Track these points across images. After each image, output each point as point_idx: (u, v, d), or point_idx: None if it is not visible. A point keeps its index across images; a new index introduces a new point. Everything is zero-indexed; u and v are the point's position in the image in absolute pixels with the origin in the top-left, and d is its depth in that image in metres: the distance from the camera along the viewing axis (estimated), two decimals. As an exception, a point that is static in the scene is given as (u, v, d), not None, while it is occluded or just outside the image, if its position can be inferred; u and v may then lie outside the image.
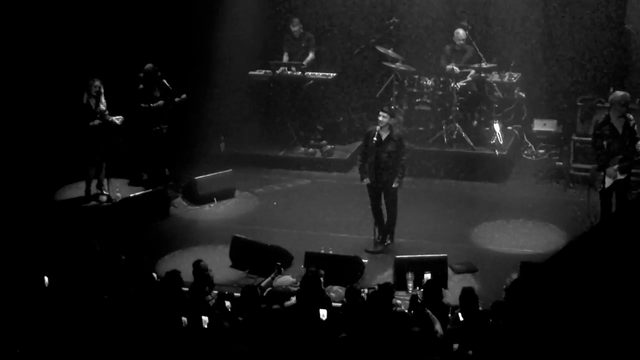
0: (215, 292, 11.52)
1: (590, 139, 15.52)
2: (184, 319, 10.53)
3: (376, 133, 13.54)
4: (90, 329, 10.53)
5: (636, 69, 17.14)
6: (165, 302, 10.93)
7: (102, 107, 15.62)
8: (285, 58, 17.72)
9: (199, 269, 11.54)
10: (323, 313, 10.63)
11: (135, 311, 10.79)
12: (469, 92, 16.87)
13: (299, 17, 17.85)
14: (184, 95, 16.19)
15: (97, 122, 15.54)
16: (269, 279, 12.20)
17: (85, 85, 15.59)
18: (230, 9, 18.02)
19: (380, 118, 13.56)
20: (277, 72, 17.51)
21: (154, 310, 10.78)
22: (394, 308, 10.82)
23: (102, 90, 15.65)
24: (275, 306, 10.74)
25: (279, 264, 12.48)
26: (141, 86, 16.10)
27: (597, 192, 13.36)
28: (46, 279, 11.44)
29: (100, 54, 17.41)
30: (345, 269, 12.75)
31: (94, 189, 15.92)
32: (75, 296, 11.09)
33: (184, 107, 16.33)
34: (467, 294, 10.55)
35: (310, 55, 17.66)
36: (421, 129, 16.92)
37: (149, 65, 16.11)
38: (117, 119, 15.65)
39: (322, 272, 11.45)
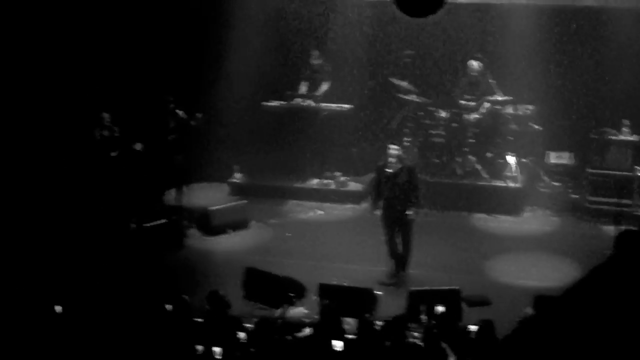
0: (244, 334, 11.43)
1: (605, 171, 15.59)
2: (199, 347, 10.50)
3: (387, 166, 13.56)
4: (103, 357, 10.53)
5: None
6: (179, 331, 10.90)
7: (106, 135, 15.73)
8: (304, 89, 17.75)
9: (216, 298, 11.47)
10: (338, 345, 10.59)
11: (148, 340, 10.78)
12: (484, 125, 16.86)
13: (317, 49, 17.88)
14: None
15: (114, 153, 15.66)
16: (281, 309, 12.16)
17: (96, 119, 15.67)
18: (245, 39, 18.11)
19: (391, 151, 13.59)
20: (292, 102, 17.54)
21: (167, 339, 10.76)
22: (407, 340, 10.77)
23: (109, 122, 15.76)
24: (289, 337, 10.70)
25: (292, 295, 12.44)
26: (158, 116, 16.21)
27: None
28: (58, 307, 11.42)
29: (113, 87, 17.51)
30: (358, 300, 12.70)
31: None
32: (87, 324, 11.09)
33: (197, 136, 16.36)
34: (486, 327, 10.51)
35: (325, 87, 17.69)
36: (435, 161, 16.92)
37: (166, 97, 16.20)
38: (137, 146, 15.75)
39: (335, 304, 11.42)
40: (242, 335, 10.67)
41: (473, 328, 10.98)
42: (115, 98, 16.91)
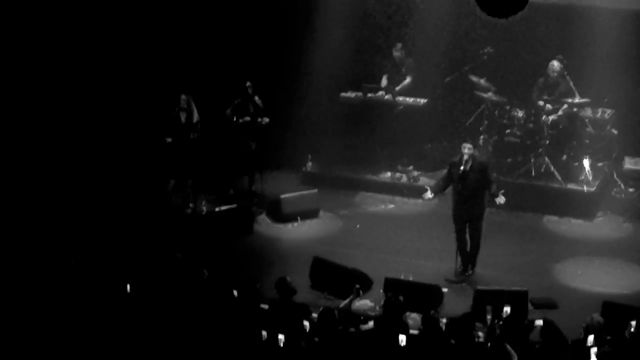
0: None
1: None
2: (264, 333, 10.59)
3: (461, 164, 13.54)
4: (169, 338, 10.67)
5: None
6: (246, 316, 11.00)
7: (195, 119, 15.91)
8: (384, 82, 17.72)
9: (284, 284, 11.54)
10: (402, 339, 10.60)
11: (214, 324, 10.89)
12: (560, 127, 16.70)
13: (401, 41, 17.85)
14: (266, 119, 16.35)
15: (195, 135, 15.84)
16: (347, 301, 12.18)
17: (175, 100, 15.86)
18: (326, 29, 18.17)
19: (465, 150, 13.57)
20: (369, 95, 17.54)
21: (234, 323, 10.87)
22: (473, 339, 10.75)
23: (192, 104, 15.92)
24: (352, 329, 10.74)
25: (358, 286, 12.45)
26: (238, 100, 16.34)
27: None
28: (128, 286, 11.60)
29: (197, 69, 17.70)
30: (424, 296, 12.70)
31: (178, 202, 16.13)
32: (156, 305, 11.23)
33: (267, 129, 16.46)
34: (549, 327, 10.47)
35: (407, 80, 17.62)
36: (509, 160, 16.80)
37: (247, 83, 16.33)
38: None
39: (401, 298, 11.42)
40: (306, 324, 10.73)
41: (538, 322, 10.94)
42: (195, 81, 17.08)
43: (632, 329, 10.74)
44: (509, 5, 10.51)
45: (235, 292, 11.41)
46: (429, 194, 14.20)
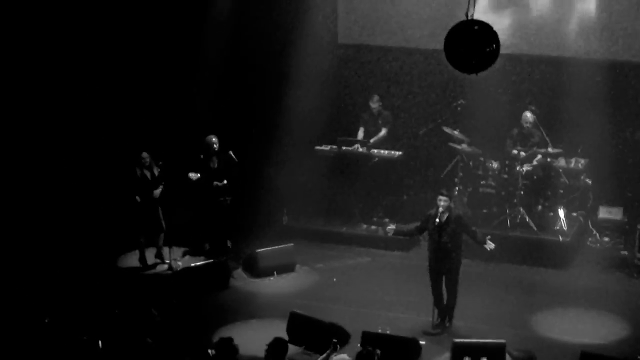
0: None
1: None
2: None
3: (437, 216, 13.56)
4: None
5: None
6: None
7: (155, 172, 15.88)
8: (361, 134, 17.80)
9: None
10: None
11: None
12: (535, 177, 16.79)
13: (377, 95, 17.95)
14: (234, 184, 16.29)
15: (157, 192, 15.79)
16: (324, 355, 12.10)
17: (136, 158, 15.84)
18: (300, 82, 18.25)
19: (441, 202, 13.59)
20: (344, 148, 17.59)
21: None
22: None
23: (151, 161, 15.89)
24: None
25: (335, 341, 12.38)
26: (201, 156, 16.34)
27: None
28: (100, 343, 11.50)
29: (162, 124, 17.74)
30: (402, 349, 12.65)
31: (151, 258, 16.07)
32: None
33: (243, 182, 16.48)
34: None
35: (383, 132, 17.72)
36: (485, 211, 16.85)
37: (209, 137, 16.33)
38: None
39: (379, 352, 11.36)
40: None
41: None
42: (163, 138, 17.11)
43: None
44: (479, 62, 10.59)
45: (211, 351, 11.31)
46: (392, 226, 14.23)
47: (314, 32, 18.58)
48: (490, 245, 13.77)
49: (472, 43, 10.52)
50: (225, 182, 16.36)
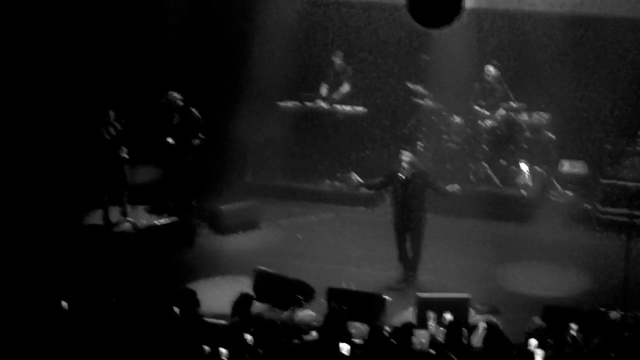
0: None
1: (618, 182, 15.60)
2: (207, 348, 10.50)
3: (401, 172, 13.57)
4: (109, 355, 10.54)
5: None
6: (188, 331, 10.90)
7: (112, 132, 15.73)
8: (324, 90, 17.72)
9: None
10: (345, 348, 10.58)
11: (155, 339, 10.79)
12: (498, 131, 16.83)
13: (341, 50, 17.87)
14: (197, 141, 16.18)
15: (124, 151, 15.67)
16: (289, 312, 12.16)
17: (101, 117, 15.71)
18: (263, 38, 18.14)
19: (404, 157, 13.60)
20: (307, 104, 17.54)
21: (175, 339, 10.77)
22: (415, 347, 10.76)
23: (116, 119, 15.76)
24: (295, 340, 10.70)
25: (300, 297, 12.43)
26: (161, 115, 16.23)
27: None
28: (64, 303, 11.44)
29: (124, 82, 17.60)
30: (367, 305, 12.69)
31: (116, 216, 15.97)
32: (94, 322, 11.09)
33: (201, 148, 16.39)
34: (492, 330, 10.51)
35: (346, 88, 17.66)
36: (448, 166, 16.89)
37: (171, 93, 16.19)
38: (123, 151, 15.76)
39: (344, 307, 11.40)
40: (249, 337, 10.66)
41: (481, 325, 10.97)
42: (124, 96, 16.98)
43: (573, 332, 10.82)
44: (442, 17, 10.56)
45: (176, 308, 11.29)
46: (356, 177, 14.22)
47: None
48: (453, 187, 13.81)
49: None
50: (188, 139, 16.26)
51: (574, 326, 10.87)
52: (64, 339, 10.80)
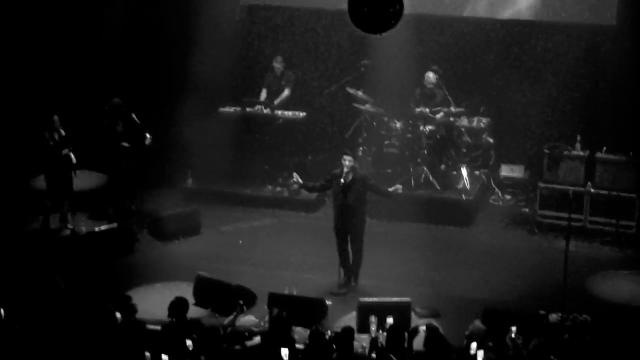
0: None
1: (556, 185, 15.79)
2: (148, 354, 10.44)
3: (342, 176, 13.60)
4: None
5: (603, 117, 17.26)
6: (128, 337, 10.83)
7: (62, 133, 15.59)
8: (264, 95, 17.71)
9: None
10: (284, 352, 10.57)
11: (96, 345, 10.71)
12: (438, 136, 16.94)
13: (281, 55, 17.87)
14: (148, 139, 16.12)
15: (65, 150, 15.51)
16: (231, 317, 12.11)
17: (46, 121, 15.58)
18: (203, 44, 18.07)
19: (345, 162, 13.63)
20: (248, 109, 17.51)
21: (116, 345, 10.70)
22: (356, 351, 10.79)
23: (59, 124, 15.64)
24: (237, 346, 10.68)
25: (242, 302, 12.39)
26: (105, 122, 16.13)
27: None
28: (2, 310, 11.31)
29: (65, 88, 17.48)
30: (308, 310, 12.70)
31: (56, 223, 15.83)
32: (32, 330, 10.98)
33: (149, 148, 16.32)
34: (432, 334, 10.57)
35: (286, 93, 17.67)
36: (389, 171, 16.95)
37: (115, 100, 16.12)
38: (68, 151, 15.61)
39: (284, 313, 11.41)
40: (189, 343, 10.61)
41: (422, 328, 11.02)
42: (67, 101, 16.89)
43: (513, 334, 10.92)
44: (382, 22, 10.60)
45: (118, 314, 11.21)
46: (297, 178, 14.22)
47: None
48: (397, 188, 13.88)
49: (376, 3, 10.52)
50: (128, 145, 16.18)
51: (513, 328, 10.97)
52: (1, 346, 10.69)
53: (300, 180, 14.28)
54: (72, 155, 15.57)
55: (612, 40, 17.16)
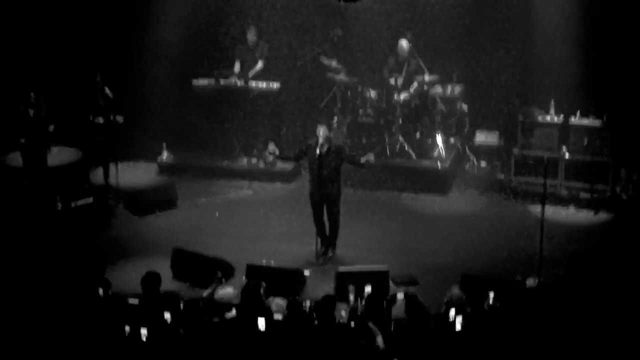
0: None
1: (531, 151, 15.86)
2: (127, 328, 10.43)
3: (317, 147, 13.59)
4: (30, 337, 10.43)
5: (575, 81, 17.29)
6: (107, 312, 10.82)
7: (31, 114, 15.54)
8: (237, 67, 17.64)
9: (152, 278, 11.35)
10: (261, 323, 10.58)
11: (75, 320, 10.70)
12: (412, 105, 16.95)
13: (254, 26, 17.79)
14: (120, 118, 16.10)
15: (52, 127, 15.47)
16: (209, 289, 12.10)
17: (24, 98, 15.51)
18: (175, 15, 17.99)
19: (320, 132, 13.61)
20: (222, 81, 17.44)
21: (96, 319, 10.69)
22: (336, 320, 10.82)
23: (41, 100, 15.57)
24: (215, 319, 10.68)
25: (220, 274, 12.38)
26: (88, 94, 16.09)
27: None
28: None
29: (40, 62, 17.37)
30: (287, 281, 12.73)
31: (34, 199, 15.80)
32: (15, 305, 10.97)
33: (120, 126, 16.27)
34: (411, 301, 10.61)
35: (259, 65, 17.60)
36: (364, 140, 16.97)
37: (98, 77, 16.07)
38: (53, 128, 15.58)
39: (264, 283, 11.40)
40: (167, 316, 10.60)
41: (400, 296, 11.06)
42: (43, 76, 16.79)
43: (491, 300, 10.98)
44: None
45: (100, 290, 11.19)
46: (273, 148, 14.23)
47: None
48: (369, 157, 13.88)
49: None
50: (102, 120, 16.13)
51: (491, 294, 11.03)
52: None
53: (276, 151, 14.28)
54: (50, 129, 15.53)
55: (585, 2, 17.12)
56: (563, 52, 17.23)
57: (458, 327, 10.47)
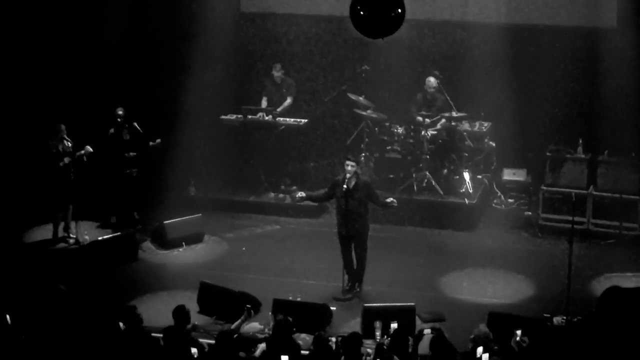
0: None
1: (559, 188, 15.77)
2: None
3: (345, 182, 13.59)
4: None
5: (604, 120, 17.24)
6: (133, 346, 10.82)
7: (68, 144, 15.60)
8: (264, 103, 17.72)
9: (181, 313, 11.36)
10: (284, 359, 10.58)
11: (100, 355, 10.70)
12: (440, 141, 16.95)
13: (280, 63, 17.88)
14: (158, 140, 16.25)
15: (66, 160, 15.51)
16: (238, 322, 12.06)
17: (52, 130, 15.61)
18: (204, 52, 18.11)
19: (348, 167, 13.62)
20: (249, 117, 17.51)
21: (121, 354, 10.69)
22: (363, 357, 10.78)
23: (64, 132, 15.67)
24: (242, 354, 10.67)
25: (249, 306, 12.34)
26: (112, 130, 16.17)
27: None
28: (8, 317, 11.30)
29: (70, 97, 17.55)
30: (313, 316, 12.70)
31: (61, 232, 15.86)
32: (37, 337, 10.97)
33: (157, 151, 16.37)
34: (437, 338, 10.57)
35: (288, 101, 17.68)
36: (391, 176, 16.96)
37: (119, 109, 16.18)
38: (84, 151, 15.62)
39: (290, 319, 11.39)
40: (194, 351, 10.60)
41: (427, 331, 11.01)
42: (72, 110, 16.94)
43: (517, 338, 10.91)
44: (384, 27, 10.59)
45: (121, 324, 11.19)
46: (301, 194, 14.25)
47: (215, 1, 18.43)
48: (393, 201, 13.83)
49: (377, 7, 10.52)
50: (132, 153, 16.22)
51: (518, 332, 10.96)
52: (7, 353, 10.67)
53: (303, 195, 14.28)
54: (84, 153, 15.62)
55: (613, 42, 17.13)
56: (591, 90, 17.25)
57: (485, 366, 10.41)
